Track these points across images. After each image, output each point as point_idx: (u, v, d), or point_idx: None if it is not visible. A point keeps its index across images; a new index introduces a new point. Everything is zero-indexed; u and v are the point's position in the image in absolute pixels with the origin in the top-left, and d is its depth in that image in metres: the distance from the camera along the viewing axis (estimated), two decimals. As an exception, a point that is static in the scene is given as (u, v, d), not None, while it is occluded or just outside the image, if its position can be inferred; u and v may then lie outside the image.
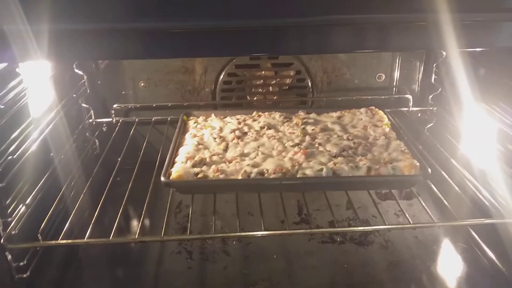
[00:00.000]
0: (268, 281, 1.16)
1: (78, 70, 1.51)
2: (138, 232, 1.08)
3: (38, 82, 1.29)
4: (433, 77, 1.63)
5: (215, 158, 1.25)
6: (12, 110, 1.12)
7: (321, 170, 1.17)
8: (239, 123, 1.47)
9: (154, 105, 1.68)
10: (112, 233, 1.06)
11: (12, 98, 1.14)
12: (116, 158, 1.43)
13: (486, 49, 1.32)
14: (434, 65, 1.61)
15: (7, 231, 1.02)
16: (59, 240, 1.04)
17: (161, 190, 1.32)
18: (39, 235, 1.03)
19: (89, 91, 1.58)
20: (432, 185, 1.26)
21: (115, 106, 1.66)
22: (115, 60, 1.63)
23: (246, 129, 1.43)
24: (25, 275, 1.07)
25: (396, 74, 1.74)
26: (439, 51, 1.54)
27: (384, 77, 1.74)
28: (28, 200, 1.13)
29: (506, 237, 1.13)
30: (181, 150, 1.30)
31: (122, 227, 1.30)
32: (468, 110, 1.35)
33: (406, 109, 1.70)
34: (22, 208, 1.10)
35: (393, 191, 1.36)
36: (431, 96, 1.64)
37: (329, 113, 1.55)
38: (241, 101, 1.74)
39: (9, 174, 1.07)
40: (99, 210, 1.15)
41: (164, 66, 1.65)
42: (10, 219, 1.05)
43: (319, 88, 1.74)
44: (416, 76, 1.74)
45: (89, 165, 1.45)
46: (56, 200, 1.19)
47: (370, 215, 1.39)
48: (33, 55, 0.77)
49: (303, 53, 1.54)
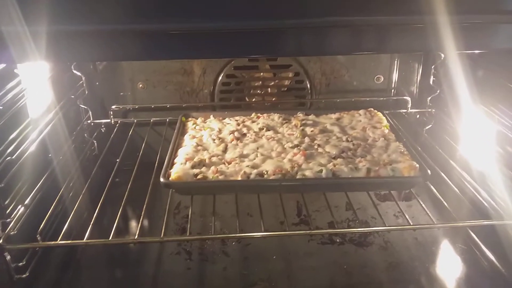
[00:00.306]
0: (268, 282, 1.15)
1: (77, 71, 1.51)
2: (137, 233, 1.07)
3: (37, 83, 1.29)
4: (432, 79, 1.63)
5: (214, 159, 1.25)
6: (11, 111, 1.12)
7: (321, 171, 1.17)
8: (238, 125, 1.47)
9: (153, 106, 1.68)
10: (112, 234, 1.06)
11: (11, 99, 1.13)
12: (115, 159, 1.43)
13: (485, 51, 1.32)
14: (433, 67, 1.62)
15: (6, 232, 1.01)
16: (58, 241, 1.04)
17: (160, 191, 1.31)
18: (38, 236, 1.03)
19: (88, 92, 1.58)
20: (432, 187, 1.26)
21: (114, 107, 1.65)
22: (114, 62, 1.63)
23: (245, 131, 1.43)
24: (24, 276, 1.06)
25: (395, 76, 1.75)
26: (437, 53, 1.54)
27: (383, 79, 1.74)
28: (27, 201, 1.12)
29: (505, 239, 1.13)
30: (180, 151, 1.30)
31: (121, 228, 1.29)
32: (467, 112, 1.35)
33: (405, 111, 1.70)
34: (21, 209, 1.09)
35: (392, 193, 1.36)
36: (430, 98, 1.64)
37: (328, 115, 1.55)
38: (240, 103, 1.74)
39: (8, 175, 1.07)
40: (98, 211, 1.14)
41: (163, 68, 1.65)
42: (9, 220, 1.04)
43: (318, 90, 1.74)
44: (415, 78, 1.74)
45: (88, 166, 1.45)
46: (55, 201, 1.18)
47: (370, 216, 1.39)
48: (32, 56, 0.77)
49: (302, 55, 1.54)
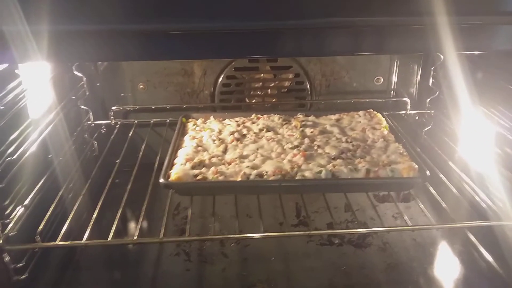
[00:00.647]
0: (266, 283, 1.15)
1: (77, 72, 1.51)
2: (137, 234, 1.08)
3: (38, 84, 1.29)
4: (431, 81, 1.63)
5: (214, 160, 1.25)
6: (12, 111, 1.13)
7: (320, 172, 1.18)
8: (238, 126, 1.47)
9: (153, 107, 1.68)
10: (111, 235, 1.06)
11: (12, 99, 1.14)
12: (115, 160, 1.44)
13: (484, 52, 1.32)
14: (432, 69, 1.62)
15: (5, 232, 1.02)
16: (58, 242, 1.04)
17: (160, 192, 1.31)
18: (38, 237, 1.03)
19: (88, 93, 1.58)
20: (431, 188, 1.27)
21: (114, 108, 1.66)
22: (114, 62, 1.63)
23: (245, 131, 1.43)
24: (23, 277, 1.06)
25: (394, 78, 1.75)
26: (437, 55, 1.54)
27: (382, 81, 1.75)
28: (27, 202, 1.13)
29: (503, 240, 1.13)
30: (180, 152, 1.30)
31: (121, 229, 1.29)
32: (466, 113, 1.35)
33: (404, 112, 1.70)
34: (21, 210, 1.09)
35: (391, 194, 1.36)
36: (429, 100, 1.65)
37: (328, 116, 1.56)
38: (240, 104, 1.74)
39: (8, 175, 1.07)
40: (98, 212, 1.15)
41: (164, 69, 1.65)
42: (9, 220, 1.04)
43: (318, 91, 1.74)
44: (414, 80, 1.75)
45: (88, 167, 1.45)
46: (55, 202, 1.19)
47: (368, 218, 1.40)
48: (33, 56, 0.77)
49: (302, 55, 1.55)
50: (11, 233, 1.02)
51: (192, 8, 0.78)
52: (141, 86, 1.67)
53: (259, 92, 1.74)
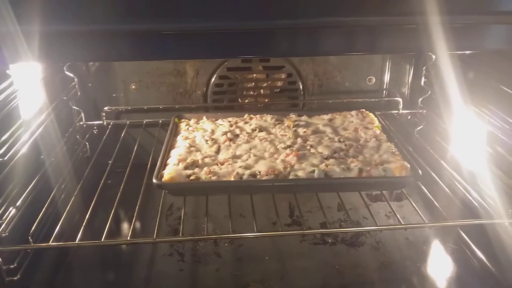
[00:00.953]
0: (260, 283, 1.15)
1: (69, 73, 1.50)
2: (130, 234, 1.07)
3: (29, 84, 1.28)
4: (423, 80, 1.64)
5: (207, 160, 1.25)
6: (3, 112, 1.12)
7: (313, 172, 1.18)
8: (231, 126, 1.47)
9: (145, 108, 1.68)
10: (104, 235, 1.05)
11: (3, 100, 1.13)
12: (107, 161, 1.43)
13: (475, 52, 1.34)
14: (424, 68, 1.62)
15: (-3, 233, 1.01)
16: (50, 243, 1.03)
17: (153, 193, 1.31)
18: (30, 238, 1.02)
19: (80, 94, 1.57)
20: (423, 187, 1.27)
21: (106, 109, 1.65)
22: (106, 63, 1.62)
23: (238, 132, 1.43)
24: (16, 278, 1.06)
25: (386, 77, 1.76)
26: (429, 55, 1.55)
27: (375, 80, 1.75)
28: (19, 203, 1.12)
29: (495, 238, 1.14)
30: (173, 152, 1.30)
31: (113, 230, 1.29)
32: (458, 113, 1.36)
33: (396, 112, 1.71)
34: (13, 211, 1.09)
35: (384, 193, 1.37)
36: (421, 99, 1.65)
37: (320, 116, 1.56)
38: (233, 104, 1.74)
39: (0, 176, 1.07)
40: (90, 213, 1.14)
41: (156, 69, 1.65)
42: (0, 222, 1.04)
43: (310, 91, 1.75)
44: (406, 79, 1.75)
45: (80, 168, 1.44)
46: (47, 203, 1.18)
47: (361, 217, 1.40)
48: (24, 57, 0.77)
49: (295, 55, 1.55)
50: (3, 234, 1.02)
51: (185, 8, 0.77)
52: (133, 87, 1.66)
53: (252, 92, 1.74)
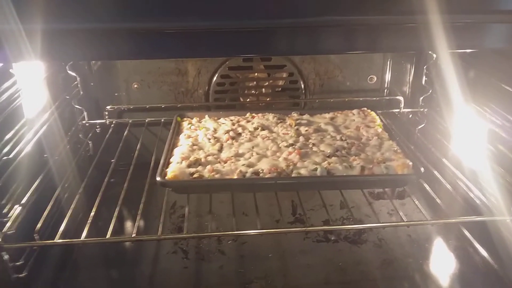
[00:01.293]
0: (264, 280, 1.16)
1: (71, 72, 1.51)
2: (135, 231, 1.08)
3: (32, 83, 1.29)
4: (424, 79, 1.65)
5: (210, 159, 1.26)
6: (7, 111, 1.13)
7: (316, 170, 1.18)
8: (233, 124, 1.48)
9: (148, 107, 1.68)
10: (109, 233, 1.06)
11: (7, 99, 1.14)
12: (110, 160, 1.43)
13: (476, 51, 1.34)
14: (425, 67, 1.63)
15: (4, 231, 1.02)
16: (56, 240, 1.04)
17: (156, 192, 1.32)
18: (36, 235, 1.03)
19: (82, 93, 1.58)
20: (425, 184, 1.28)
21: (108, 108, 1.65)
22: (108, 62, 1.63)
23: (240, 130, 1.43)
24: (22, 275, 1.07)
25: (387, 76, 1.77)
26: (429, 54, 1.56)
27: (376, 79, 1.76)
28: (24, 201, 1.12)
29: (497, 235, 1.15)
30: (176, 151, 1.30)
31: (117, 228, 1.28)
32: (459, 111, 1.37)
33: (398, 111, 1.72)
34: (18, 209, 1.09)
35: (386, 191, 1.38)
36: (422, 98, 1.66)
37: (322, 114, 1.57)
38: (234, 103, 1.75)
39: (4, 175, 1.07)
40: (94, 211, 1.15)
41: (158, 68, 1.65)
42: (6, 219, 1.04)
43: (312, 90, 1.75)
44: (407, 78, 1.76)
45: (83, 166, 1.45)
46: (52, 201, 1.18)
47: (364, 215, 1.41)
48: (27, 55, 0.77)
49: (296, 54, 1.55)
50: (9, 232, 1.02)
51: (186, 7, 0.78)
52: (135, 86, 1.67)
53: (253, 91, 1.75)
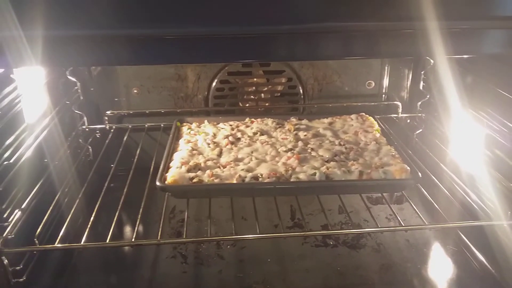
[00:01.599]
0: (263, 284, 1.17)
1: (71, 77, 1.52)
2: (134, 236, 1.08)
3: (32, 89, 1.29)
4: (421, 84, 1.66)
5: (210, 163, 1.26)
6: (8, 116, 1.13)
7: (314, 174, 1.19)
8: (232, 129, 1.48)
9: (147, 112, 1.69)
10: (108, 237, 1.07)
11: (8, 104, 1.14)
12: (110, 165, 1.44)
13: (473, 57, 1.35)
14: (422, 73, 1.64)
15: (3, 236, 1.02)
16: (56, 244, 1.04)
17: (155, 196, 1.33)
18: (36, 239, 1.04)
19: (82, 98, 1.59)
20: (423, 189, 1.29)
21: (108, 113, 1.66)
22: (108, 67, 1.64)
23: (240, 135, 1.44)
24: (22, 280, 1.07)
25: (385, 82, 1.78)
26: (427, 59, 1.57)
27: (374, 85, 1.77)
28: (24, 205, 1.13)
29: (494, 239, 1.16)
30: (176, 156, 1.31)
31: (117, 232, 1.30)
32: (456, 116, 1.38)
33: (396, 116, 1.73)
34: (18, 213, 1.10)
35: (384, 196, 1.38)
36: (420, 103, 1.67)
37: (321, 119, 1.57)
38: (234, 108, 1.75)
39: (5, 180, 1.08)
40: (94, 216, 1.15)
41: (157, 74, 1.66)
42: (6, 224, 1.05)
43: (310, 95, 1.76)
44: (405, 84, 1.77)
45: (83, 171, 1.45)
46: (52, 206, 1.19)
47: (362, 219, 1.42)
48: (27, 61, 0.78)
49: (295, 60, 1.57)
50: (9, 236, 1.03)
51: (186, 13, 0.78)
52: (135, 91, 1.68)
53: (253, 97, 1.76)
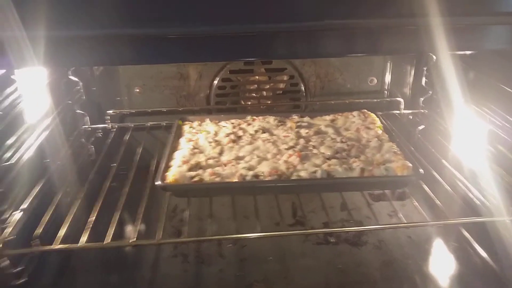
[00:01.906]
0: (264, 283, 1.17)
1: (74, 77, 1.52)
2: (134, 236, 1.08)
3: (34, 89, 1.30)
4: (424, 81, 1.65)
5: (211, 162, 1.26)
6: (9, 117, 1.14)
7: (316, 172, 1.19)
8: (234, 127, 1.48)
9: (149, 111, 1.69)
10: (109, 237, 1.06)
11: (9, 105, 1.15)
12: (112, 164, 1.44)
13: (476, 53, 1.34)
14: (425, 69, 1.63)
15: (4, 237, 1.02)
16: (56, 245, 1.04)
17: (157, 195, 1.32)
18: (36, 240, 1.04)
19: (84, 98, 1.58)
20: (425, 186, 1.28)
21: (110, 112, 1.66)
22: (110, 67, 1.64)
23: (241, 133, 1.44)
24: (22, 281, 1.07)
25: (388, 78, 1.77)
26: (429, 55, 1.56)
27: (376, 81, 1.76)
28: (25, 206, 1.13)
29: (496, 235, 1.15)
30: (177, 154, 1.31)
31: (117, 232, 1.28)
32: (459, 112, 1.37)
33: (398, 112, 1.72)
34: (19, 214, 1.09)
35: (386, 192, 1.38)
36: (422, 99, 1.66)
37: (323, 117, 1.56)
38: (236, 106, 1.75)
39: (6, 180, 1.08)
40: (95, 216, 1.15)
41: (159, 73, 1.66)
42: (6, 225, 1.05)
43: (312, 93, 1.76)
44: (407, 80, 1.76)
45: (85, 171, 1.45)
46: (53, 206, 1.19)
47: (364, 216, 1.41)
48: (30, 62, 0.78)
49: (296, 57, 1.56)
50: (10, 238, 1.02)
51: (187, 12, 0.78)
52: (137, 90, 1.68)
53: (254, 94, 1.75)
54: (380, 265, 1.22)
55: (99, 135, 1.65)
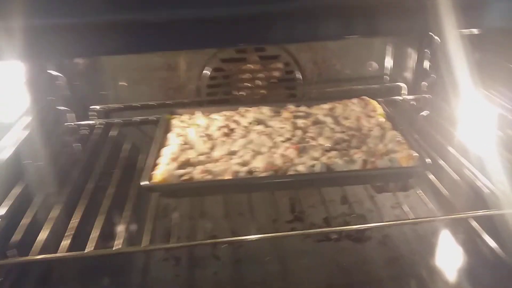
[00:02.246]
0: (261, 285, 1.11)
1: (54, 72, 1.45)
2: (119, 243, 1.00)
3: (12, 85, 1.22)
4: (427, 64, 1.58)
5: (202, 158, 1.19)
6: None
7: (314, 166, 1.12)
8: (226, 120, 1.40)
9: (137, 105, 1.61)
10: (93, 245, 0.99)
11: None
12: (98, 162, 1.36)
13: (483, 32, 1.27)
14: (428, 51, 1.57)
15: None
16: (34, 256, 0.97)
17: (145, 195, 1.24)
18: (13, 250, 0.97)
19: (67, 93, 1.51)
20: (431, 175, 1.21)
21: (95, 108, 1.59)
22: (94, 59, 1.56)
23: (234, 126, 1.36)
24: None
25: (388, 63, 1.70)
26: (432, 37, 1.49)
27: (376, 66, 1.69)
28: (3, 212, 1.06)
29: (506, 226, 1.08)
30: (165, 151, 1.23)
31: (103, 237, 1.22)
32: (465, 96, 1.29)
33: (400, 98, 1.65)
34: (-3, 221, 1.03)
35: (389, 183, 1.31)
36: (425, 83, 1.60)
37: (320, 105, 1.48)
38: (228, 97, 1.68)
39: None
40: (78, 220, 1.08)
41: (146, 64, 1.58)
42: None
43: (309, 80, 1.68)
44: (409, 64, 1.69)
45: (70, 171, 1.38)
46: (34, 211, 1.11)
47: (366, 209, 1.34)
48: (4, 55, 0.72)
49: (291, 42, 1.48)
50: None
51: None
52: (123, 83, 1.60)
53: (248, 84, 1.68)
54: (386, 262, 1.16)
55: (85, 132, 1.57)
